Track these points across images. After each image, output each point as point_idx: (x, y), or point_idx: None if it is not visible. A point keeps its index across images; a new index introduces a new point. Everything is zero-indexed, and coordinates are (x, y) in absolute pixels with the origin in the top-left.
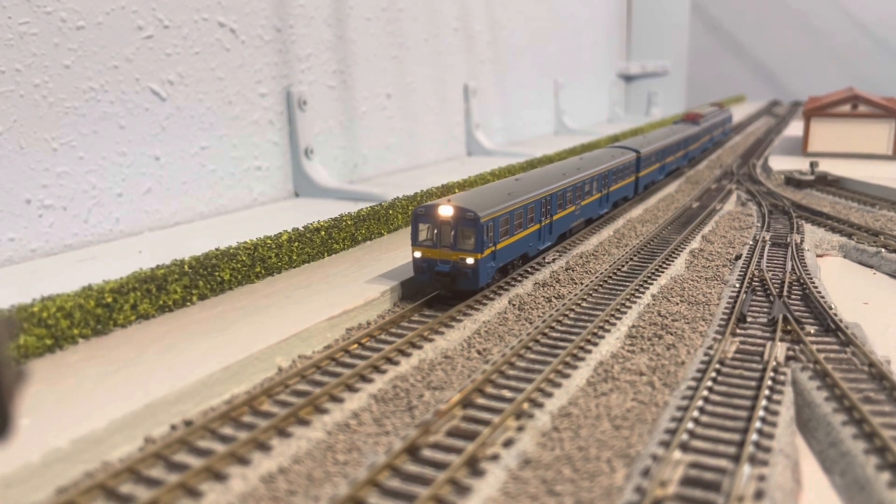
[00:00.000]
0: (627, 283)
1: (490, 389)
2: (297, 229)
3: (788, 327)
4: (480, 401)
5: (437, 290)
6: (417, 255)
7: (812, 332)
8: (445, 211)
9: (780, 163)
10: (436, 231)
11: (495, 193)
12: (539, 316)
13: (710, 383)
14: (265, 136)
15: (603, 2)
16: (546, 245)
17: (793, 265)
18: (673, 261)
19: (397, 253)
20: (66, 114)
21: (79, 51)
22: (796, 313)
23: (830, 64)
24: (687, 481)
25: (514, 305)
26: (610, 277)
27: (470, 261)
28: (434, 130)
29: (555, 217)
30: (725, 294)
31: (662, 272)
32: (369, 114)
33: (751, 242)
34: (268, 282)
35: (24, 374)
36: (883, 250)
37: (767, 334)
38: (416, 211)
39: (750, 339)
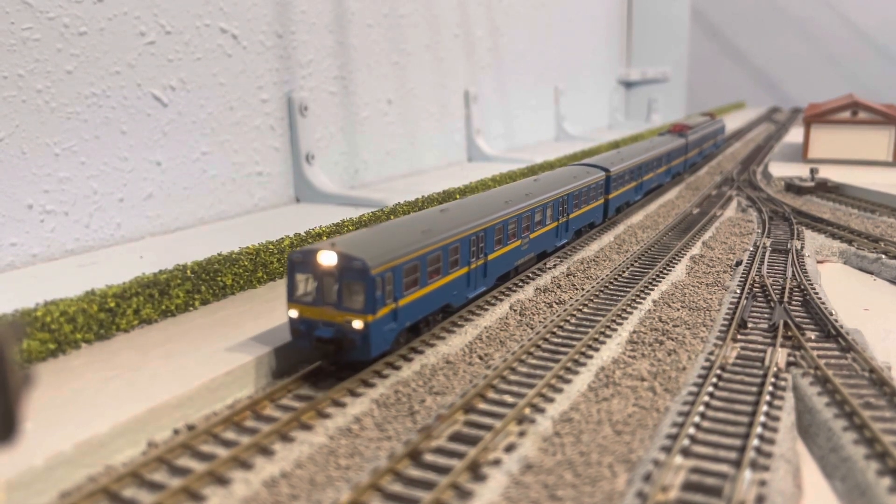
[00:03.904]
0: (628, 289)
1: (492, 394)
2: (299, 234)
3: (789, 333)
4: (482, 406)
5: (318, 359)
6: (293, 314)
7: (813, 337)
8: (327, 258)
9: (781, 169)
10: (316, 284)
11: (402, 233)
12: (540, 321)
13: (711, 389)
14: (266, 141)
15: (603, 8)
16: (479, 291)
17: (793, 271)
18: (674, 266)
19: None
20: (68, 119)
21: (81, 56)
22: (797, 319)
23: (830, 70)
24: (688, 486)
25: (515, 311)
26: (611, 283)
27: (358, 324)
28: (435, 136)
29: (490, 256)
30: (726, 300)
31: (663, 278)
32: (370, 120)
33: (751, 248)
34: (270, 287)
35: (31, 378)
36: (883, 256)
37: (768, 340)
38: (290, 256)
39: (751, 345)
